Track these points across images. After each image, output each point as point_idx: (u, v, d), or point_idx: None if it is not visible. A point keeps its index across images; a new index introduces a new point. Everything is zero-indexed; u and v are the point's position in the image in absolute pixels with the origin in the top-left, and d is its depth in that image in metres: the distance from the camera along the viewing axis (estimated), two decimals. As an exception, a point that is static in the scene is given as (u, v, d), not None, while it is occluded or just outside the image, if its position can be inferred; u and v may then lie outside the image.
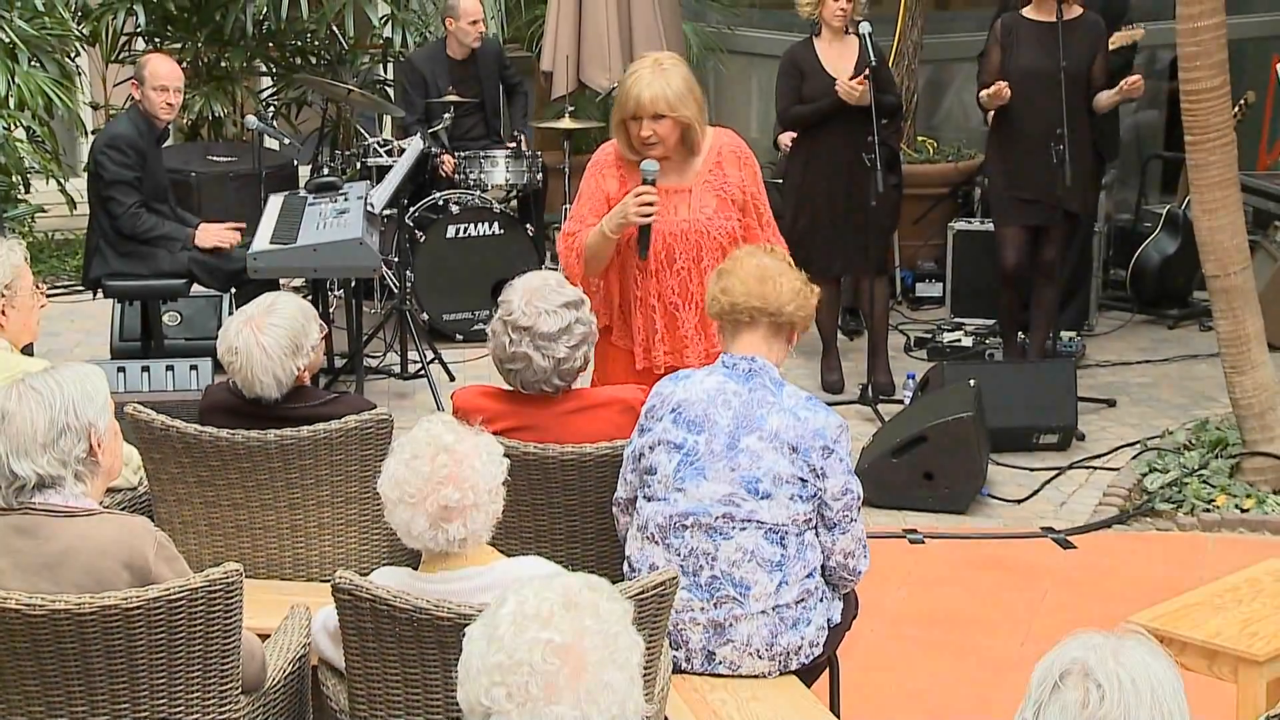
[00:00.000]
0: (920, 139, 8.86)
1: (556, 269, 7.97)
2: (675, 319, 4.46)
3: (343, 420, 3.83)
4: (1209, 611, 3.81)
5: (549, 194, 8.50)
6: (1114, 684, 2.02)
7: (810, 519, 3.55)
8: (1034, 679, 2.09)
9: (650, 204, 4.30)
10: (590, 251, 4.38)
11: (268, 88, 9.63)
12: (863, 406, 6.74)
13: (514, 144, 8.18)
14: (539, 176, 8.16)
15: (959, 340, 7.52)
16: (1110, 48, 7.02)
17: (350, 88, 7.86)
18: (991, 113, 6.85)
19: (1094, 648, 2.06)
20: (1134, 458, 6.26)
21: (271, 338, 3.77)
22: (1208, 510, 5.72)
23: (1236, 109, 6.33)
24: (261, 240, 6.36)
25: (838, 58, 6.74)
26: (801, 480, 3.50)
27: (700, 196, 4.44)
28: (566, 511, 3.80)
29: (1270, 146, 9.29)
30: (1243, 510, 5.69)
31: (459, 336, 7.62)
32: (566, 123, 8.29)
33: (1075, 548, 5.53)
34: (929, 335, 7.66)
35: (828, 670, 3.76)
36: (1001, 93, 6.58)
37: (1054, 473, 6.17)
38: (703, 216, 4.42)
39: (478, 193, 7.82)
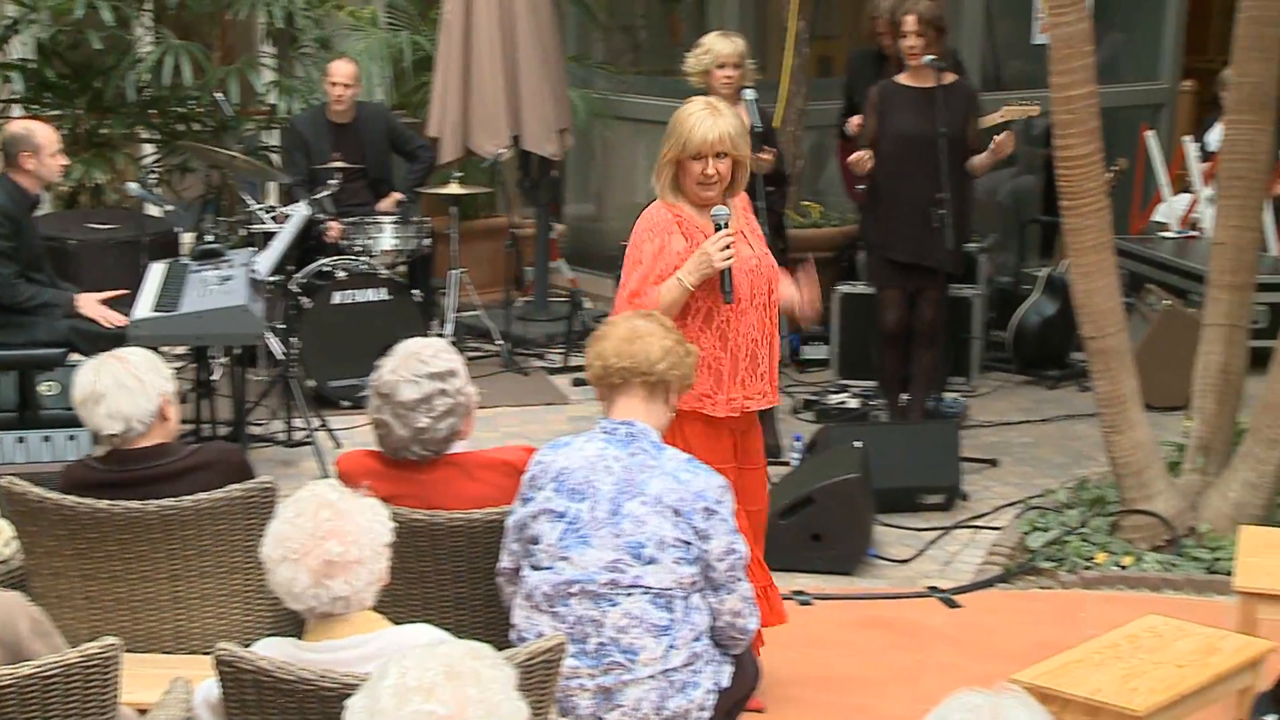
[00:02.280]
0: (805, 204, 8.98)
1: (444, 335, 8.02)
2: (756, 358, 4.47)
3: (226, 490, 3.78)
4: (1090, 668, 3.87)
5: (437, 259, 8.49)
6: None
7: (696, 581, 3.56)
8: None
9: (728, 247, 4.34)
10: (665, 308, 4.33)
11: (150, 154, 9.54)
12: (751, 469, 6.77)
13: (399, 205, 8.20)
14: (427, 242, 8.16)
15: (845, 402, 7.59)
16: (1002, 120, 7.16)
17: (234, 154, 7.81)
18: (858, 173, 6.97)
19: (973, 709, 2.08)
20: (1017, 517, 6.34)
21: (132, 358, 3.80)
22: (1088, 568, 5.80)
23: (1110, 175, 6.48)
24: (143, 308, 6.28)
25: (728, 124, 6.81)
26: (685, 543, 3.52)
27: (748, 237, 4.51)
28: (454, 578, 3.77)
29: (1143, 211, 9.53)
30: (1122, 567, 5.78)
31: (345, 403, 7.56)
32: (454, 189, 8.29)
33: (961, 607, 5.58)
34: (816, 397, 7.73)
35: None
36: (863, 162, 6.74)
37: (939, 532, 6.23)
38: (761, 252, 4.51)
39: (365, 258, 7.79)
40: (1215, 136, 8.41)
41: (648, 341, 3.66)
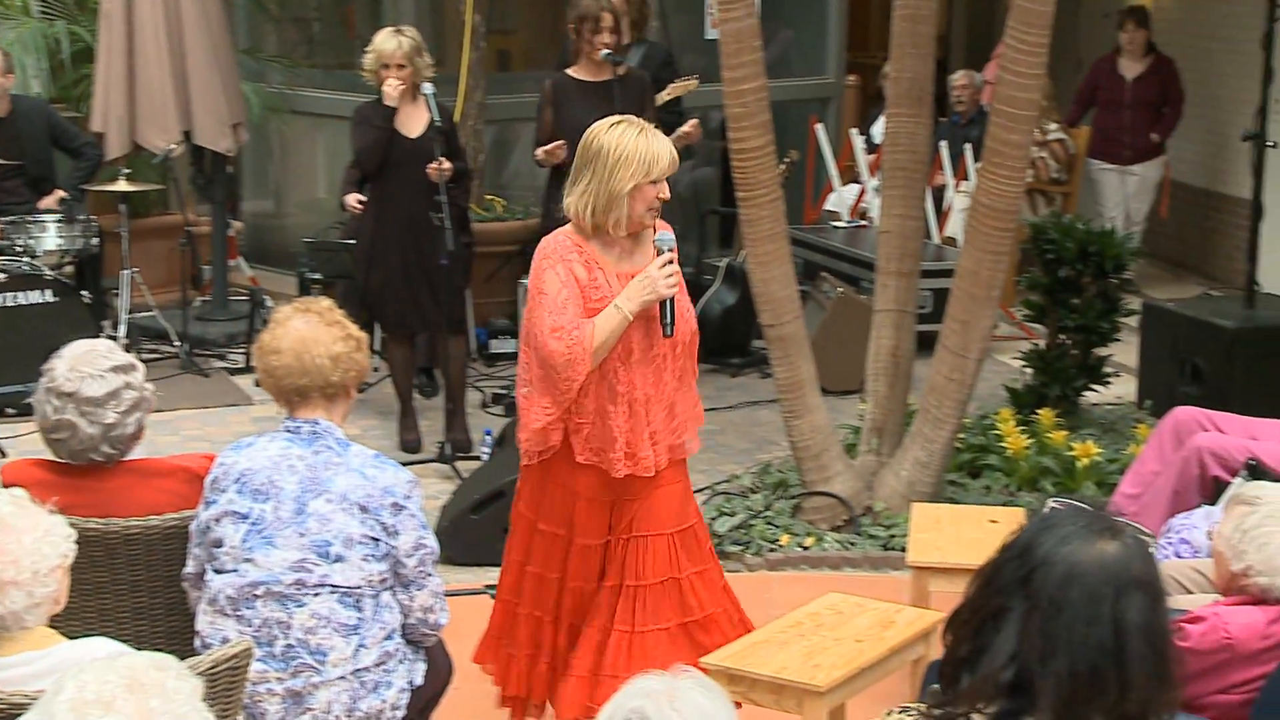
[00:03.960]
0: (488, 198, 8.98)
1: (116, 337, 7.72)
2: (647, 415, 4.08)
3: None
4: (775, 648, 3.98)
5: (107, 259, 8.17)
6: None
7: (386, 579, 3.53)
8: None
9: (672, 275, 4.03)
10: (603, 339, 3.95)
11: None
12: (441, 465, 6.74)
13: (63, 203, 7.87)
14: (95, 241, 7.85)
15: (533, 395, 7.61)
16: (668, 97, 7.30)
17: None
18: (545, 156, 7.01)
19: (651, 694, 2.12)
20: (704, 502, 6.47)
21: None
22: (773, 550, 5.97)
23: (782, 166, 6.67)
24: None
25: (408, 118, 6.77)
26: (374, 540, 3.48)
27: None
28: (132, 588, 3.64)
29: (815, 201, 9.86)
30: (804, 548, 5.97)
31: (10, 410, 7.20)
32: (123, 185, 7.99)
33: (651, 593, 5.66)
34: (505, 391, 7.74)
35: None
36: (556, 152, 6.78)
37: (628, 521, 6.31)
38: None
39: (27, 259, 7.44)
40: (879, 129, 8.77)
41: (318, 353, 3.54)
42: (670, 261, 4.05)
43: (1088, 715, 2.18)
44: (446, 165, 6.56)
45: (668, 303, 4.03)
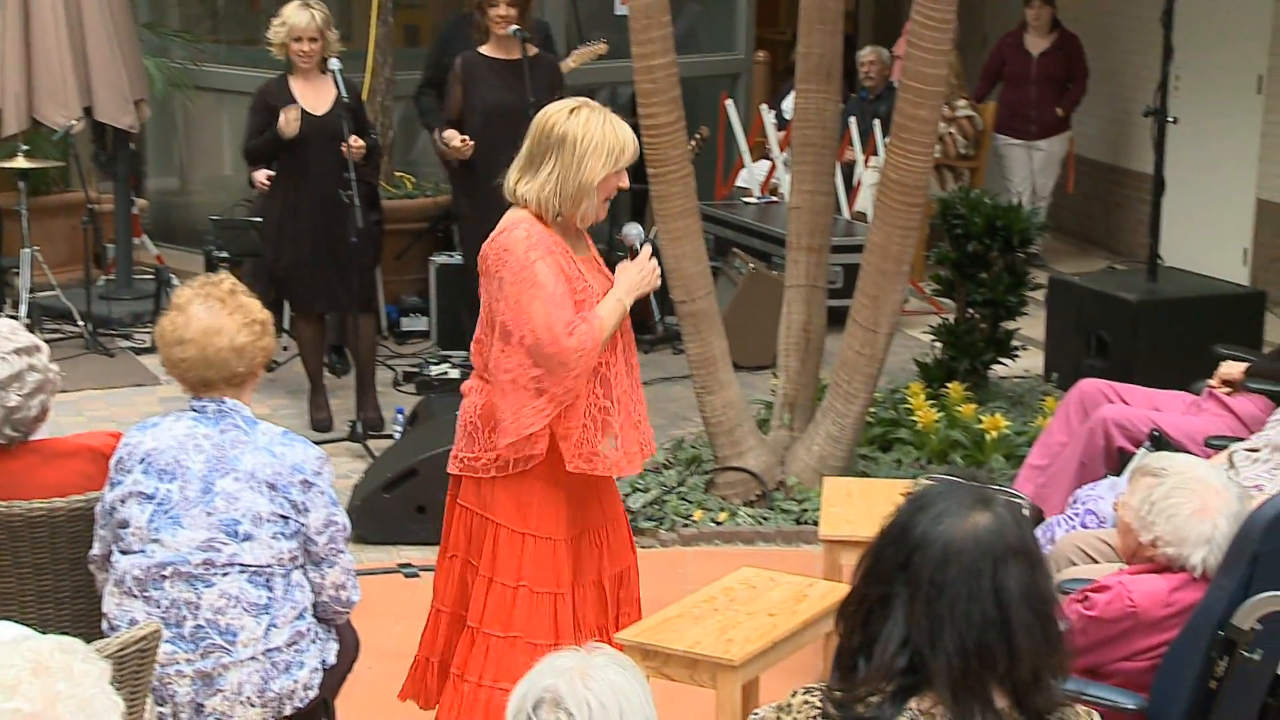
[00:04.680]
0: (398, 175, 8.91)
1: (18, 317, 7.59)
2: (629, 405, 4.00)
3: None
4: (689, 622, 4.00)
5: (7, 237, 8.02)
6: (584, 709, 2.12)
7: (296, 557, 3.50)
8: (510, 709, 2.14)
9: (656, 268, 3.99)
10: (609, 334, 3.88)
11: None
12: (353, 443, 6.70)
13: None
14: (-6, 220, 7.71)
15: (446, 373, 7.59)
16: (575, 65, 7.28)
17: None
18: (449, 146, 6.95)
19: (563, 673, 2.13)
20: (618, 478, 6.47)
21: None
22: (687, 525, 5.99)
23: (693, 143, 6.67)
24: None
25: (313, 94, 6.71)
26: (283, 518, 3.45)
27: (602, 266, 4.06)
28: (36, 571, 3.59)
29: (726, 178, 9.88)
30: (718, 523, 5.99)
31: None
32: (21, 163, 7.85)
33: (565, 570, 5.66)
34: (416, 369, 7.70)
35: (324, 713, 3.70)
36: (464, 150, 6.73)
37: (542, 498, 6.30)
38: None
39: (-76, 239, 7.30)
40: (789, 105, 8.80)
41: (222, 345, 3.46)
42: (649, 252, 4.03)
43: (982, 688, 2.21)
44: (359, 143, 6.50)
45: (649, 297, 4.04)
